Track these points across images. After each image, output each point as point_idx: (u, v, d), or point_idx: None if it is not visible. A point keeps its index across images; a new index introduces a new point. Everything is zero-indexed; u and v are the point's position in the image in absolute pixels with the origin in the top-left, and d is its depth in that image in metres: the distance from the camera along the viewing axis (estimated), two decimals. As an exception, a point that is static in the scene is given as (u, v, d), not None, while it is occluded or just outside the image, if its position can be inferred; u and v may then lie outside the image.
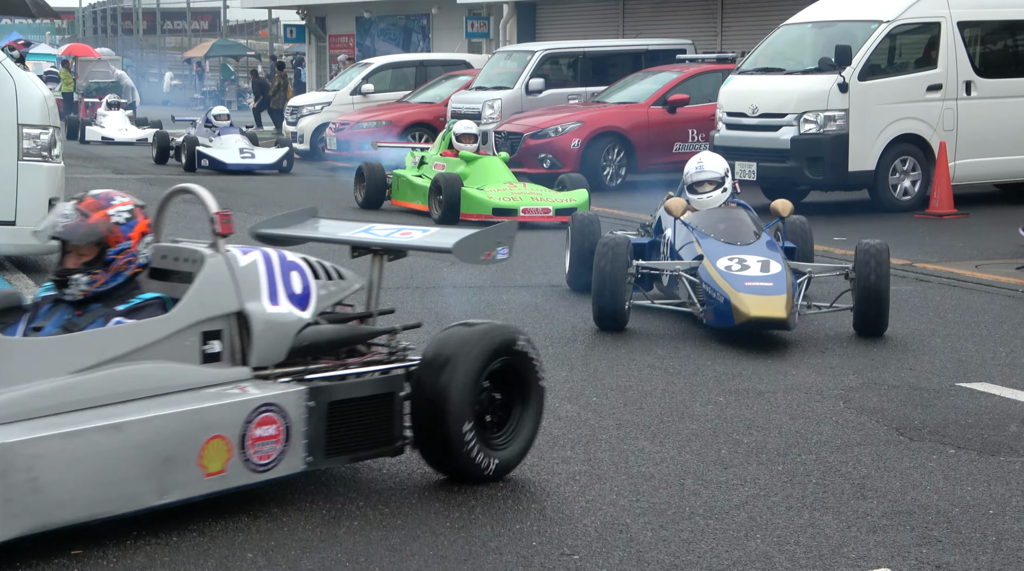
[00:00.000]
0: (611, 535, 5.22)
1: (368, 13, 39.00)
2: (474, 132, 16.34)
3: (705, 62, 21.60)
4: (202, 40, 63.84)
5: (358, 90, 26.83)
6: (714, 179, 9.68)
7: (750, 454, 6.34)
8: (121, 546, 4.99)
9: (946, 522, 5.40)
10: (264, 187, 20.60)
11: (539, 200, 15.01)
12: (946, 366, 8.26)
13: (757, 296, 8.58)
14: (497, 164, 16.00)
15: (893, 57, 17.00)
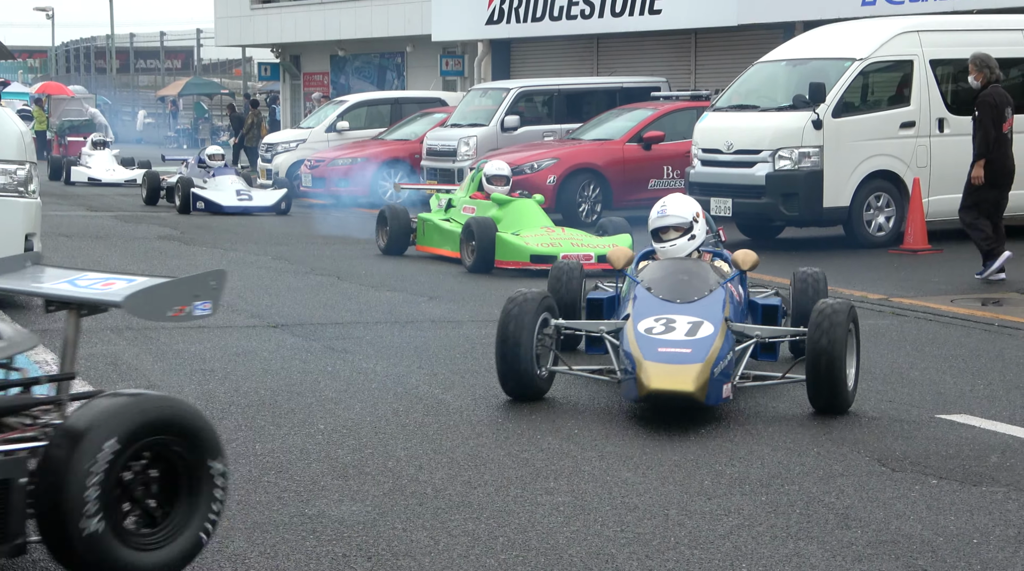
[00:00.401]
0: (597, 565, 5.21)
1: (342, 51, 39.11)
2: (506, 174, 15.12)
3: (679, 99, 21.74)
4: (176, 78, 63.85)
5: (333, 127, 26.92)
6: (679, 225, 8.40)
7: (733, 484, 6.35)
8: None
9: (931, 551, 5.41)
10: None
11: (579, 245, 13.94)
12: (925, 398, 8.29)
13: (665, 365, 7.37)
14: (532, 207, 14.88)
15: (867, 94, 17.15)
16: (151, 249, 16.62)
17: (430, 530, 5.57)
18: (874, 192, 16.74)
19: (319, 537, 5.47)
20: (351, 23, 37.09)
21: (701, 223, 8.51)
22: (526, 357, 7.84)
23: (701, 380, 7.33)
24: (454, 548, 5.36)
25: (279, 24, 40.55)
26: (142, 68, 70.28)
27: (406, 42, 36.03)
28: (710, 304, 7.94)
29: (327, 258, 15.85)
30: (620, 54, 28.67)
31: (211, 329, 10.59)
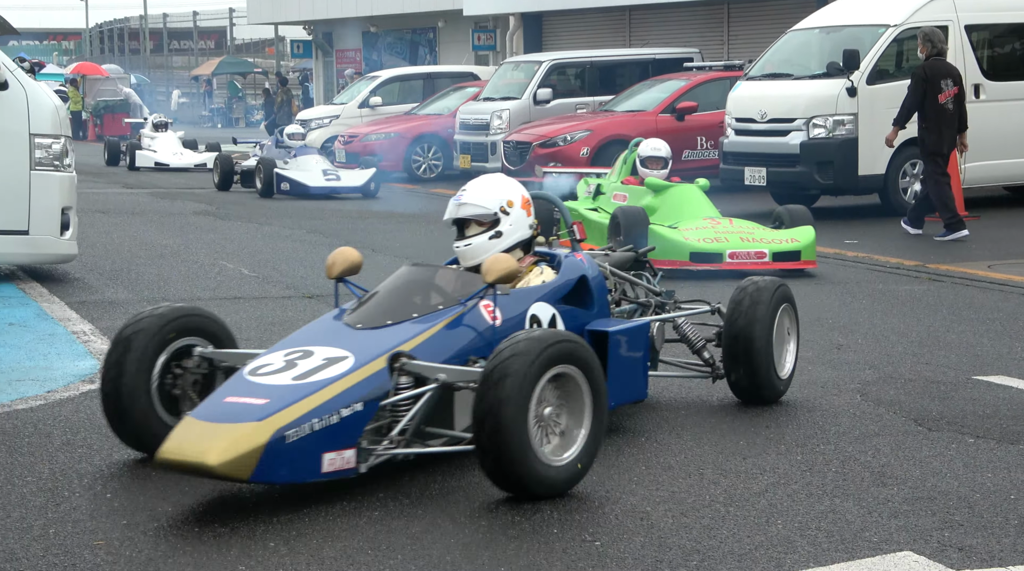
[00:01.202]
0: (632, 522, 5.22)
1: (375, 27, 39.11)
2: (664, 155, 12.87)
3: (712, 70, 21.64)
4: (209, 58, 63.99)
5: (366, 103, 26.92)
6: (480, 217, 6.35)
7: (768, 445, 6.34)
8: (145, 536, 4.99)
9: (967, 507, 5.39)
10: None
11: (751, 241, 11.78)
12: (962, 360, 8.25)
13: (203, 424, 5.23)
14: (694, 194, 12.63)
15: (901, 61, 17.01)
16: (187, 224, 16.69)
17: (464, 491, 5.58)
18: (910, 159, 16.61)
19: (358, 498, 5.49)
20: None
21: (516, 215, 6.36)
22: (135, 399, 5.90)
23: (237, 449, 5.09)
24: (491, 507, 5.37)
25: (311, 1, 40.58)
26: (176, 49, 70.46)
27: (438, 17, 35.99)
28: (396, 333, 5.78)
29: (362, 231, 15.88)
30: (653, 25, 28.55)
31: (246, 300, 10.65)
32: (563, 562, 4.79)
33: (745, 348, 6.81)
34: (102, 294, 10.96)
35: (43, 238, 11.23)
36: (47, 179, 11.21)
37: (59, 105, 11.60)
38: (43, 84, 12.19)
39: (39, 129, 11.17)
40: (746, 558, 4.82)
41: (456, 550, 4.91)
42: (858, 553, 4.88)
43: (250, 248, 14.21)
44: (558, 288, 6.44)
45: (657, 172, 12.77)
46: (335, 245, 14.38)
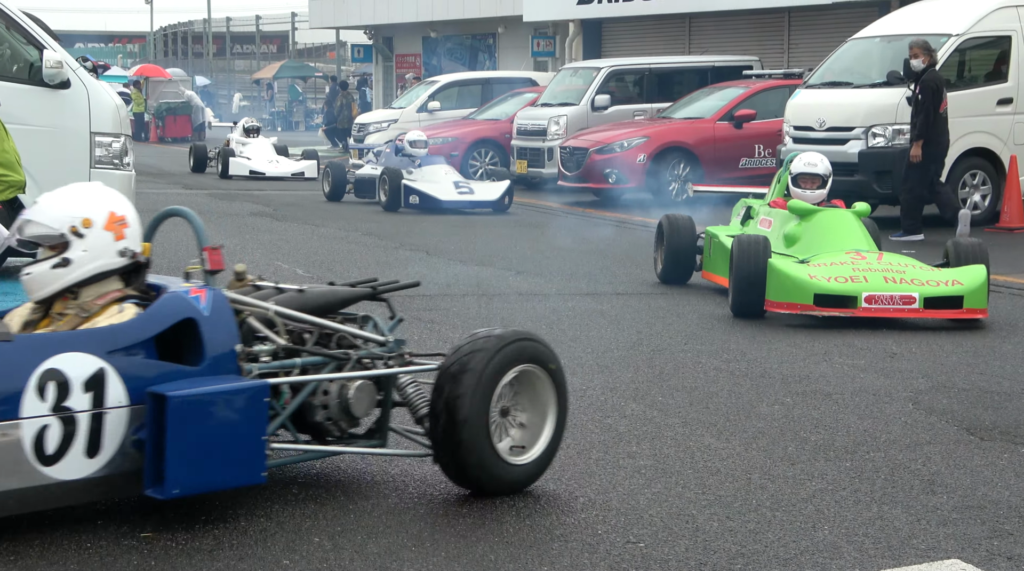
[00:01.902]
0: (677, 525, 5.19)
1: (435, 32, 39.22)
2: (820, 172, 10.77)
3: (772, 78, 21.54)
4: (271, 62, 64.43)
5: (424, 107, 27.00)
6: (43, 238, 5.19)
7: (817, 451, 6.30)
8: (190, 529, 5.03)
9: (1018, 517, 5.33)
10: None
11: (899, 281, 9.64)
12: (1018, 371, 8.16)
13: None
14: (844, 221, 10.50)
15: (962, 71, 16.88)
16: (244, 225, 16.80)
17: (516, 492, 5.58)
18: (970, 170, 16.49)
19: (401, 495, 5.50)
20: (443, 4, 37.17)
21: (94, 238, 5.15)
22: None
23: None
24: (534, 507, 5.37)
25: (372, 6, 40.74)
26: (238, 53, 70.98)
27: (498, 23, 36.02)
28: None
29: (417, 234, 15.92)
30: (712, 33, 28.45)
31: (300, 299, 10.68)
32: (607, 563, 4.78)
33: (446, 426, 5.31)
34: (158, 292, 11.04)
35: (101, 235, 11.33)
36: (107, 177, 11.29)
37: (119, 104, 11.71)
38: (105, 84, 12.32)
39: (100, 128, 11.29)
40: (791, 563, 4.79)
41: (500, 548, 4.91)
42: (905, 560, 4.84)
43: (306, 249, 14.28)
44: (123, 333, 4.99)
45: (811, 192, 10.72)
46: (390, 247, 14.47)
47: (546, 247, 14.59)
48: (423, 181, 18.60)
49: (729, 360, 8.43)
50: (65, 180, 10.97)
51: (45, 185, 10.89)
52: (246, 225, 16.84)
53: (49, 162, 10.89)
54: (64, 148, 11.11)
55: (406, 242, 14.98)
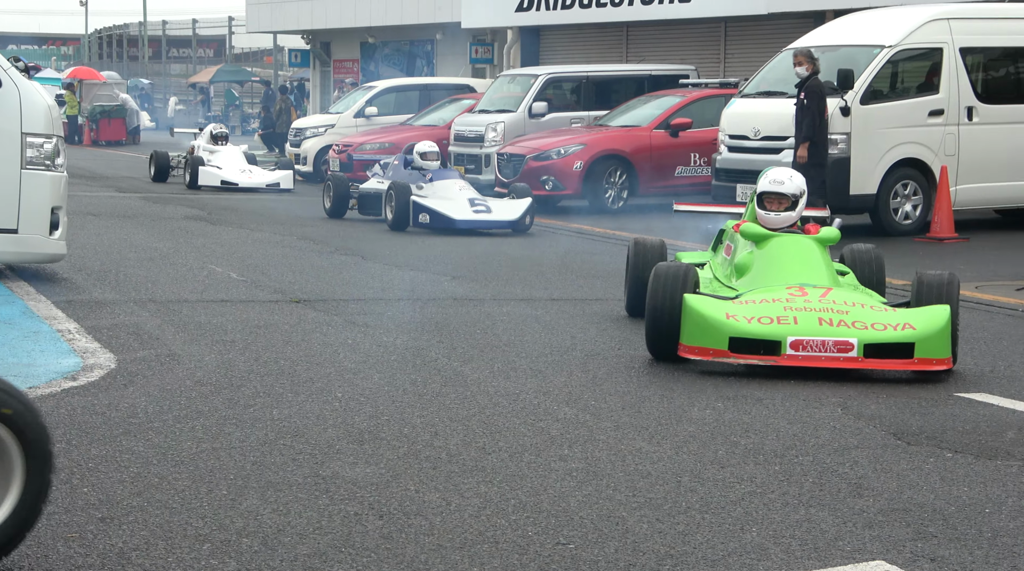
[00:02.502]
0: (607, 527, 5.23)
1: (372, 38, 39.16)
2: (787, 191, 9.05)
3: (708, 87, 21.70)
4: (207, 67, 64.05)
5: (362, 113, 26.97)
6: None
7: (747, 455, 6.36)
8: (119, 529, 5.00)
9: (942, 519, 5.41)
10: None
11: (835, 324, 8.18)
12: (944, 378, 8.27)
13: None
14: (802, 250, 8.94)
15: (895, 82, 17.09)
16: (178, 229, 16.71)
17: (442, 492, 5.61)
18: (901, 180, 16.69)
19: (332, 496, 5.51)
20: (381, 10, 37.13)
21: None
22: None
23: None
24: (465, 509, 5.39)
25: (309, 11, 40.61)
26: (174, 56, 70.54)
27: (436, 29, 36.02)
28: None
29: (351, 239, 15.90)
30: (650, 42, 28.61)
31: (233, 303, 10.66)
32: (536, 564, 4.80)
33: None
34: (89, 294, 10.98)
35: (32, 237, 11.24)
36: (38, 178, 11.22)
37: (52, 105, 11.61)
38: (37, 85, 12.21)
39: (31, 128, 11.18)
40: (719, 564, 4.84)
41: (431, 550, 4.92)
42: (831, 561, 4.90)
43: (240, 253, 14.22)
44: None
45: (777, 215, 9.08)
46: (325, 252, 14.44)
47: (482, 253, 14.62)
48: (435, 197, 16.77)
49: (662, 365, 8.48)
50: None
51: (-25, 185, 10.84)
52: (180, 229, 16.74)
53: (-21, 163, 10.79)
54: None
55: (341, 247, 14.96)
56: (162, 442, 6.31)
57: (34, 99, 11.31)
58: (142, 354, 8.43)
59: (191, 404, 7.10)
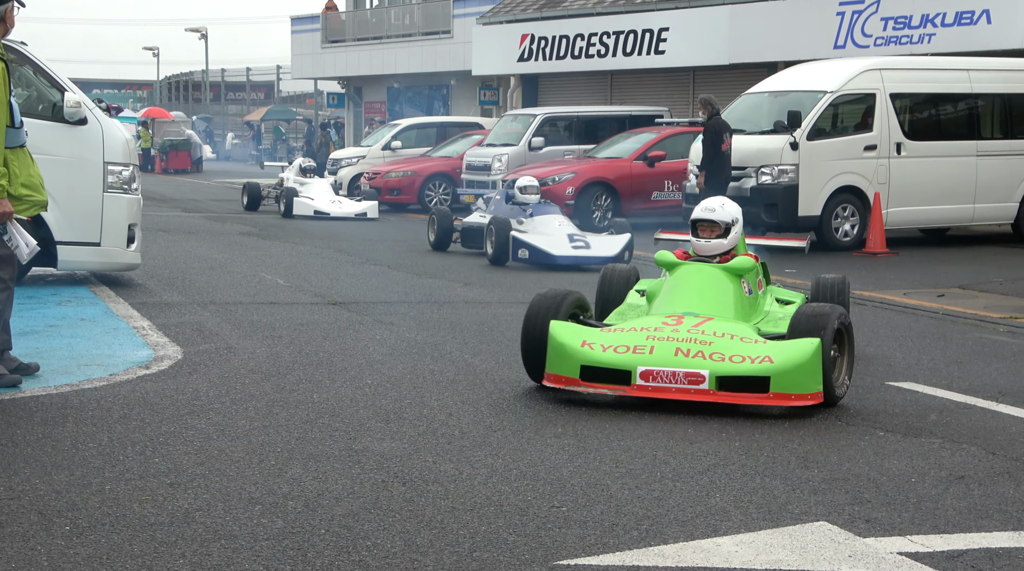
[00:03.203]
0: (594, 492, 5.22)
1: (397, 84, 39.24)
2: (717, 218, 7.69)
3: (679, 125, 21.69)
4: (259, 107, 64.07)
5: (388, 146, 26.97)
6: None
7: (712, 433, 6.34)
8: (185, 493, 4.99)
9: (875, 487, 5.40)
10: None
11: (691, 354, 6.81)
12: (878, 369, 8.26)
13: None
14: (704, 278, 7.56)
15: (836, 121, 17.09)
16: (234, 242, 16.71)
17: (456, 463, 5.60)
18: (841, 204, 16.69)
19: (363, 466, 5.51)
20: (405, 60, 37.17)
21: None
22: None
23: None
24: (475, 477, 5.38)
25: (345, 60, 40.66)
26: (231, 98, 70.55)
27: (450, 76, 36.08)
28: None
29: (381, 252, 15.88)
30: (630, 87, 28.64)
31: (280, 305, 10.65)
32: (534, 523, 4.79)
33: None
34: (159, 297, 10.97)
35: (112, 249, 11.24)
36: (117, 200, 11.23)
37: (128, 138, 11.61)
38: (116, 121, 12.21)
39: (112, 158, 11.19)
40: (688, 524, 4.83)
41: (446, 513, 4.90)
42: (782, 522, 4.89)
43: (286, 263, 14.22)
44: None
45: (707, 242, 7.67)
46: (357, 262, 14.42)
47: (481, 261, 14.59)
48: (534, 233, 14.51)
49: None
50: (82, 202, 10.99)
51: (65, 206, 10.84)
52: (235, 243, 16.74)
53: (69, 187, 10.80)
54: (81, 175, 11.01)
55: (371, 258, 14.95)
56: (221, 421, 6.31)
57: (114, 133, 11.32)
58: (204, 347, 8.43)
59: (245, 389, 7.09)
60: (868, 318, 10.70)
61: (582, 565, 4.32)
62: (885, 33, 22.24)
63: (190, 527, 4.59)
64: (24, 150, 7.06)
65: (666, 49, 26.18)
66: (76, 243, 10.99)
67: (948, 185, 17.19)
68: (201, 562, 4.24)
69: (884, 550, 4.54)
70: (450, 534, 4.61)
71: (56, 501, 4.84)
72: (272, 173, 28.54)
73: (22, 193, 6.94)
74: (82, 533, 4.49)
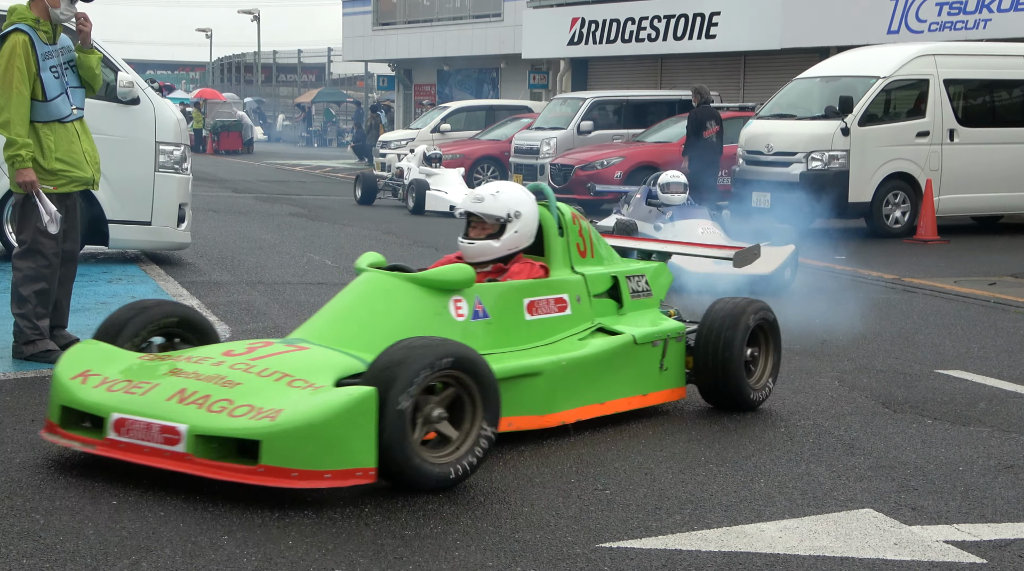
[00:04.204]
0: (637, 476, 5.21)
1: (447, 66, 39.23)
2: (482, 212, 5.93)
3: (729, 110, 21.53)
4: (309, 89, 64.33)
5: (437, 128, 26.98)
6: None
7: (757, 418, 6.30)
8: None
9: (922, 475, 5.35)
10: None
11: (189, 401, 4.75)
12: (927, 357, 8.18)
13: None
14: (374, 294, 5.61)
15: (888, 107, 16.88)
16: (283, 223, 16.80)
17: (499, 444, 5.53)
18: (892, 190, 16.50)
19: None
20: (455, 43, 37.17)
21: None
22: None
23: None
24: (519, 459, 5.38)
25: (395, 43, 40.73)
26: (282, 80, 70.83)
27: (500, 59, 36.02)
28: None
29: (429, 234, 15.91)
30: (680, 71, 28.47)
31: (328, 285, 10.70)
32: (578, 506, 4.79)
33: None
34: (209, 276, 11.06)
35: (162, 228, 11.33)
36: (168, 179, 11.31)
37: (180, 118, 11.68)
38: (168, 101, 12.30)
39: (163, 137, 11.27)
40: (732, 508, 4.80)
41: (489, 493, 4.90)
42: (827, 508, 4.85)
43: (334, 244, 14.28)
44: None
45: (471, 244, 5.97)
46: (405, 244, 14.45)
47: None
48: None
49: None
50: (133, 181, 11.07)
51: (116, 185, 10.94)
52: (285, 223, 16.84)
53: (120, 166, 10.88)
54: (133, 154, 11.09)
55: (419, 240, 14.98)
56: (267, 399, 6.32)
57: (166, 113, 11.39)
58: (252, 326, 8.48)
59: (292, 368, 7.11)
60: (918, 306, 10.59)
61: (625, 548, 4.31)
62: (940, 18, 21.95)
63: (235, 503, 4.62)
64: (70, 126, 7.08)
65: (717, 33, 25.99)
66: (127, 222, 11.08)
67: (1001, 172, 16.95)
68: (246, 538, 4.26)
69: (930, 538, 4.49)
70: (492, 515, 4.61)
71: (104, 475, 4.89)
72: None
73: (56, 167, 6.98)
74: (129, 508, 4.54)
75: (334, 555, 4.14)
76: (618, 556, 4.22)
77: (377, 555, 4.15)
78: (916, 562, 4.26)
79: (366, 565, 4.06)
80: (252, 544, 4.21)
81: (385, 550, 4.20)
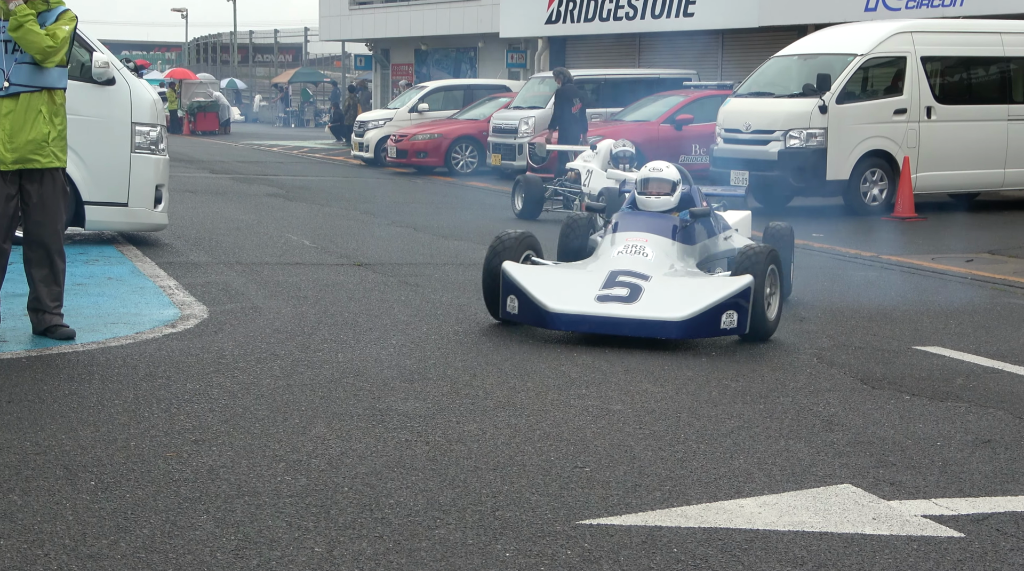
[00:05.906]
0: (617, 453, 5.21)
1: (425, 46, 39.08)
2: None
3: (707, 88, 21.54)
4: (286, 69, 63.99)
5: (415, 108, 26.88)
6: None
7: (736, 395, 6.32)
8: (208, 449, 5.01)
9: (900, 450, 5.37)
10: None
11: None
12: (905, 333, 8.21)
13: None
14: None
15: (866, 85, 16.91)
16: (260, 204, 16.72)
17: (479, 423, 5.60)
18: (870, 168, 16.54)
19: (386, 425, 5.51)
20: (432, 22, 37.02)
21: None
22: None
23: None
24: (498, 437, 5.38)
25: (372, 22, 40.54)
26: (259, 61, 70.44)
27: (478, 39, 35.89)
28: None
29: (407, 213, 15.87)
30: (658, 50, 28.43)
31: (306, 266, 10.66)
32: (558, 483, 4.79)
33: None
34: (186, 257, 11.00)
35: (139, 210, 11.27)
36: (144, 161, 11.25)
37: (156, 99, 11.60)
38: (144, 82, 12.21)
39: (139, 118, 11.20)
40: (711, 485, 4.81)
41: (469, 472, 4.90)
42: (806, 484, 4.86)
43: (312, 224, 14.22)
44: None
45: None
46: (383, 224, 14.41)
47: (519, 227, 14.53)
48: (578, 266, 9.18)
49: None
50: (109, 162, 10.99)
51: (92, 166, 10.86)
52: (262, 204, 16.76)
53: (96, 147, 10.81)
54: (109, 135, 11.03)
55: (396, 220, 14.94)
56: (246, 379, 6.33)
57: (142, 94, 11.32)
58: (230, 306, 8.45)
59: (270, 348, 7.11)
60: (895, 282, 10.63)
61: (605, 525, 4.31)
62: (917, -4, 21.95)
63: (214, 483, 4.61)
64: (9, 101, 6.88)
65: (695, 11, 25.95)
66: (104, 203, 11.02)
67: (978, 150, 17.01)
68: (225, 518, 4.25)
69: (908, 513, 4.51)
70: (472, 493, 4.61)
71: (82, 457, 4.87)
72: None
73: None
74: (107, 488, 4.52)
75: (313, 534, 4.13)
76: (598, 533, 4.23)
77: (357, 534, 4.15)
78: (895, 537, 4.28)
79: (346, 543, 4.05)
80: (231, 524, 4.19)
81: (365, 529, 4.19)
